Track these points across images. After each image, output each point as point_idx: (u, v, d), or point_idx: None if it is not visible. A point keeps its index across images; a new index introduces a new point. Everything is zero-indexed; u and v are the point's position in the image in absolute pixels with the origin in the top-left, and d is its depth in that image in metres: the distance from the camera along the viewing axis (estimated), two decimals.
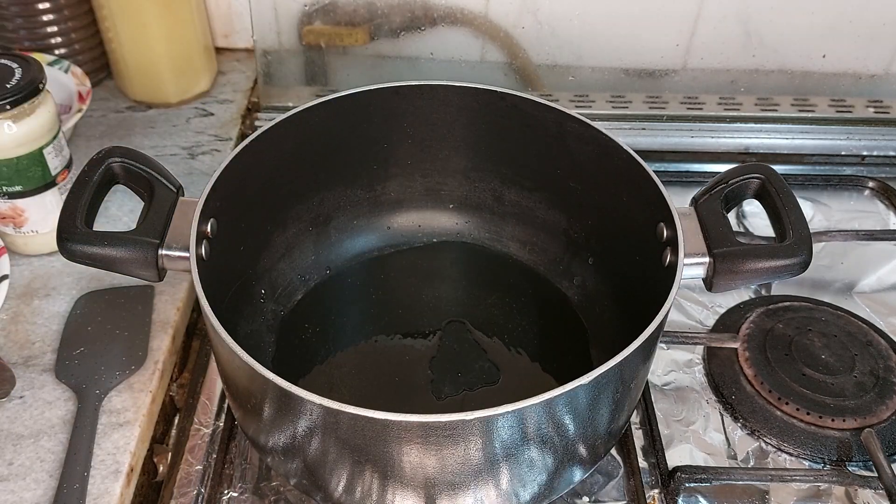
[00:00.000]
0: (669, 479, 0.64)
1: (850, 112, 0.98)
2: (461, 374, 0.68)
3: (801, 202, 0.61)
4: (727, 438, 0.68)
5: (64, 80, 0.85)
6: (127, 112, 0.94)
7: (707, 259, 0.58)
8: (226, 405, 0.68)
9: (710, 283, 0.59)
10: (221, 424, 0.67)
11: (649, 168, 0.62)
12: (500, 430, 0.48)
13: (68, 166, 0.74)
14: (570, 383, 0.48)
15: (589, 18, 0.90)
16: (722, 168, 0.66)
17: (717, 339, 0.74)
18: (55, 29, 0.90)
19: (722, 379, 0.71)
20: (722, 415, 0.70)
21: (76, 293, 0.72)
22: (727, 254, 0.58)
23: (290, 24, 0.89)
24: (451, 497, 0.53)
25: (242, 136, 0.90)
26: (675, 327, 0.76)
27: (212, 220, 0.59)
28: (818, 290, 0.81)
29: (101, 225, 0.58)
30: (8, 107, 0.66)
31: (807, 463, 0.67)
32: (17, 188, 0.70)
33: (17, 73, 0.68)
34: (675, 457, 0.66)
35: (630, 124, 0.95)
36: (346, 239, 0.77)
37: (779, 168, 0.64)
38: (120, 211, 0.81)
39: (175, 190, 0.59)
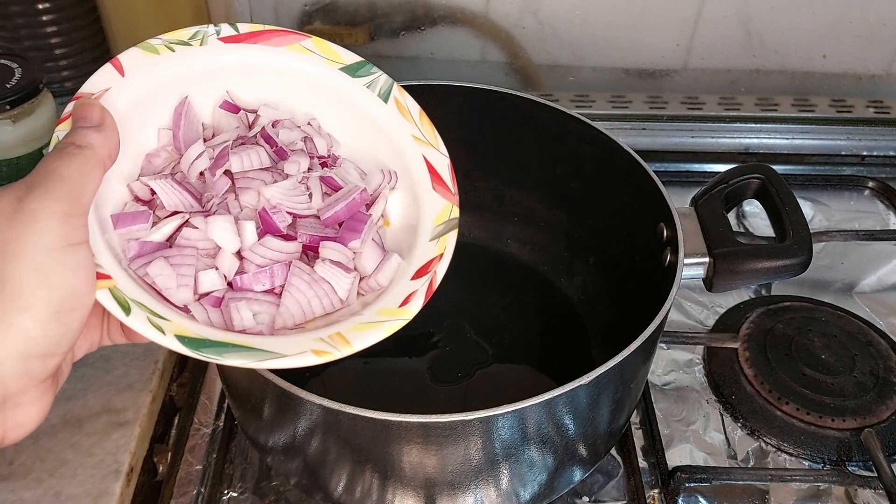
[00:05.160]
0: (669, 478, 0.64)
1: (850, 112, 0.98)
2: (461, 374, 0.68)
3: (801, 202, 0.61)
4: (727, 438, 0.68)
5: None
6: None
7: (707, 259, 0.59)
8: (226, 405, 0.68)
9: (710, 283, 0.59)
10: (221, 424, 0.67)
11: (649, 168, 0.62)
12: (500, 430, 0.48)
13: None
14: (571, 383, 0.48)
15: (590, 18, 0.90)
16: (722, 168, 0.66)
17: (717, 339, 0.74)
18: (55, 29, 0.90)
19: (722, 379, 0.71)
20: (722, 415, 0.70)
21: None
22: (727, 254, 0.58)
23: (290, 24, 0.89)
24: (452, 497, 0.53)
25: None
26: (675, 327, 0.76)
27: None
28: (818, 290, 0.81)
29: None
30: (8, 107, 0.66)
31: (807, 463, 0.67)
32: None
33: (17, 73, 0.68)
34: (675, 457, 0.66)
35: (630, 124, 0.95)
36: None
37: (779, 168, 0.64)
38: None
39: None
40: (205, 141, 0.47)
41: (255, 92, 0.49)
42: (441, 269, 0.46)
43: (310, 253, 0.46)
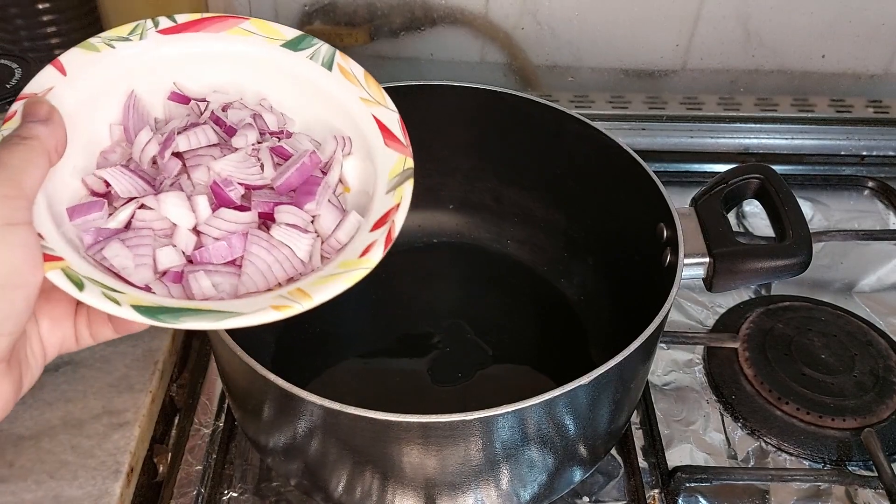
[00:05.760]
0: (669, 478, 0.64)
1: (849, 112, 0.98)
2: (461, 374, 0.68)
3: (800, 202, 0.61)
4: (727, 438, 0.68)
5: None
6: None
7: (707, 259, 0.59)
8: (226, 405, 0.68)
9: (710, 283, 0.59)
10: (221, 424, 0.67)
11: (649, 168, 0.63)
12: (500, 431, 0.48)
13: None
14: (571, 383, 0.48)
15: (588, 19, 0.90)
16: (722, 168, 0.66)
17: (717, 339, 0.74)
18: (55, 29, 0.90)
19: (722, 379, 0.71)
20: (722, 415, 0.70)
21: None
22: (727, 254, 0.58)
23: (289, 25, 0.89)
24: (452, 497, 0.53)
25: None
26: (675, 327, 0.76)
27: None
28: (818, 290, 0.81)
29: None
30: (8, 107, 0.66)
31: (807, 463, 0.67)
32: None
33: (17, 73, 0.68)
34: (675, 457, 0.66)
35: (630, 124, 0.95)
36: None
37: (778, 168, 0.64)
38: None
39: None
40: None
41: (201, 80, 0.50)
42: (399, 218, 0.45)
43: (269, 223, 0.46)
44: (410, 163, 0.48)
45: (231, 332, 0.51)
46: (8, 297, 0.36)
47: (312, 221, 0.47)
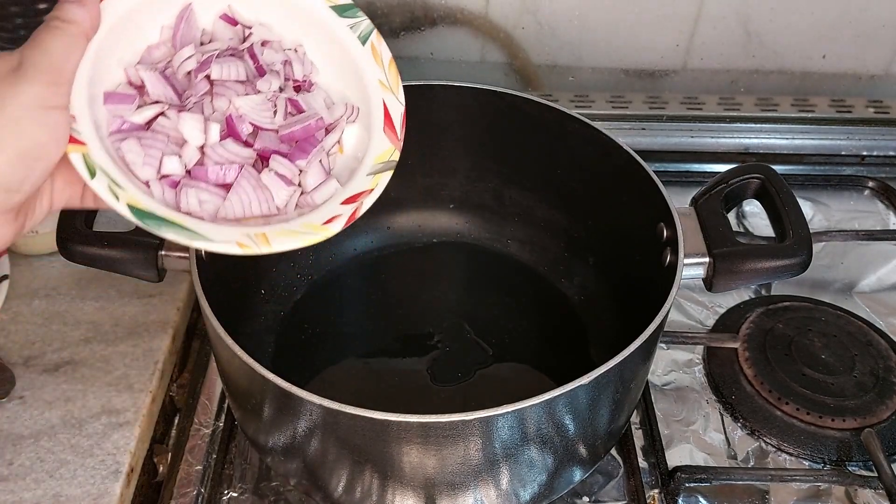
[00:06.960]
0: (669, 478, 0.64)
1: (849, 112, 0.97)
2: (461, 374, 0.68)
3: (800, 202, 0.61)
4: (727, 438, 0.68)
5: None
6: None
7: (707, 259, 0.59)
8: (226, 405, 0.68)
9: (710, 283, 0.60)
10: (221, 424, 0.67)
11: (649, 168, 0.63)
12: (500, 431, 0.48)
13: None
14: (571, 383, 0.48)
15: (589, 19, 0.90)
16: (722, 168, 0.66)
17: (717, 339, 0.74)
18: None
19: (722, 379, 0.71)
20: (722, 415, 0.70)
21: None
22: (727, 254, 0.58)
23: None
24: (451, 497, 0.53)
25: None
26: (675, 327, 0.76)
27: None
28: (818, 290, 0.81)
29: (101, 225, 0.58)
30: None
31: (807, 463, 0.67)
32: None
33: None
34: (675, 457, 0.66)
35: (630, 124, 0.95)
36: (345, 239, 0.77)
37: (779, 168, 0.65)
38: None
39: None
40: (202, 44, 0.52)
41: (253, 11, 0.54)
42: (368, 202, 0.50)
43: (264, 161, 0.50)
44: (397, 155, 0.52)
45: (231, 332, 0.51)
46: (29, 165, 0.41)
47: (300, 174, 0.51)
